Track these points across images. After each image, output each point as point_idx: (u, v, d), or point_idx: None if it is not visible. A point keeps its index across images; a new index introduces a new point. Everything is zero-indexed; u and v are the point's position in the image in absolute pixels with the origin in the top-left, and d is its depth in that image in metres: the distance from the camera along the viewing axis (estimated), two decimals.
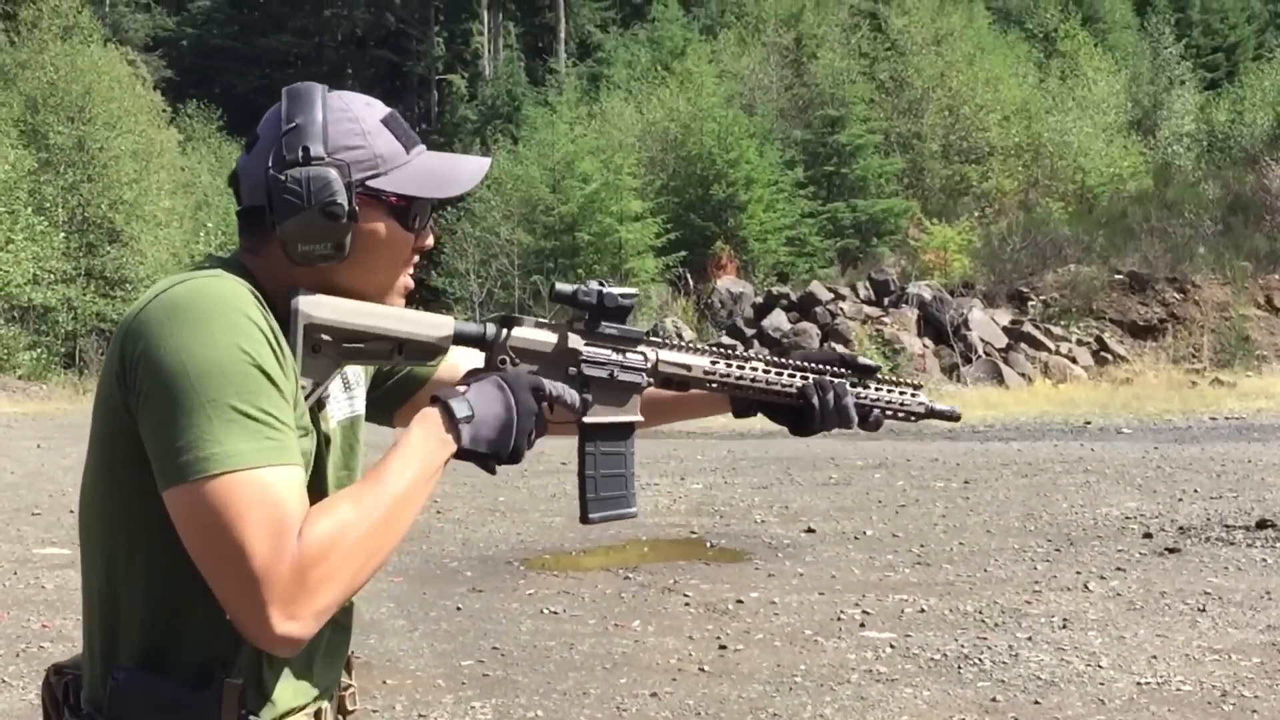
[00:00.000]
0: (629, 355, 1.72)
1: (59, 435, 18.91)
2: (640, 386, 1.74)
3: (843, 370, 1.89)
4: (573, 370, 1.68)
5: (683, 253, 33.32)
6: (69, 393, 29.24)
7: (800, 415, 1.87)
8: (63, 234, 32.60)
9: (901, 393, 1.96)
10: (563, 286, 1.70)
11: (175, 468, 1.36)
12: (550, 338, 1.67)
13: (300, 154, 1.51)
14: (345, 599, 1.42)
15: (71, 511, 10.66)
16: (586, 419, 1.71)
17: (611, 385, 1.71)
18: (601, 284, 1.72)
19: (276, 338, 1.45)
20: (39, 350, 31.61)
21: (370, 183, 1.55)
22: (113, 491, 1.49)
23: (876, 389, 1.93)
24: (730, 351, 1.82)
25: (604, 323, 1.70)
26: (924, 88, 39.94)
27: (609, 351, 1.71)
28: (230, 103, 49.15)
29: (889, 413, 1.95)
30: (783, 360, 1.86)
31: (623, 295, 1.71)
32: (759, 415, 1.91)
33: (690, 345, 1.80)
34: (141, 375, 1.40)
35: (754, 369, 1.82)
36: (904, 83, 40.27)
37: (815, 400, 1.84)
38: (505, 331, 1.65)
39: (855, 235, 36.55)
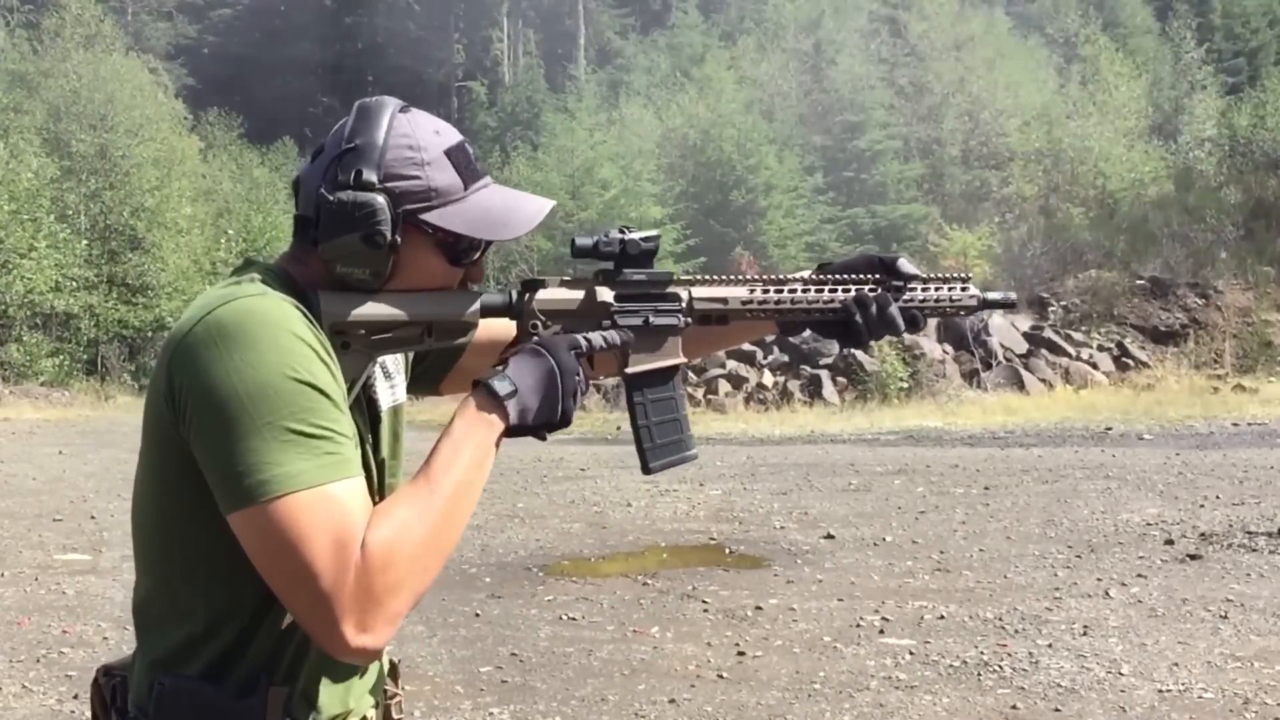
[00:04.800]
0: (661, 298, 1.70)
1: (81, 441, 19.00)
2: (677, 328, 1.71)
3: (884, 278, 1.82)
4: (606, 323, 1.66)
5: (702, 259, 33.35)
6: (91, 399, 29.41)
7: (847, 329, 1.81)
8: (85, 241, 32.79)
9: (950, 289, 1.87)
10: (583, 240, 1.67)
11: (238, 492, 1.37)
12: (577, 294, 1.66)
13: (352, 177, 1.51)
14: (417, 600, 1.42)
15: (93, 518, 10.72)
16: (629, 369, 1.69)
17: (648, 331, 1.69)
18: (623, 230, 1.69)
19: (326, 350, 1.44)
20: (61, 357, 31.79)
21: (420, 215, 1.53)
22: (166, 505, 1.50)
23: (923, 289, 1.85)
24: (769, 280, 1.78)
25: (629, 269, 1.68)
26: (944, 93, 39.91)
27: (640, 298, 1.69)
28: (251, 110, 49.43)
29: (939, 311, 1.88)
30: (823, 277, 1.81)
31: (644, 239, 1.69)
32: (807, 333, 1.88)
33: (725, 278, 1.77)
34: (192, 401, 1.40)
35: (792, 292, 1.78)
36: (923, 88, 40.25)
37: (859, 316, 1.78)
38: (530, 296, 1.64)
39: (875, 241, 36.53)
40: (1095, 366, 25.02)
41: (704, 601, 7.36)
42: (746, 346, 24.76)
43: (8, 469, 14.81)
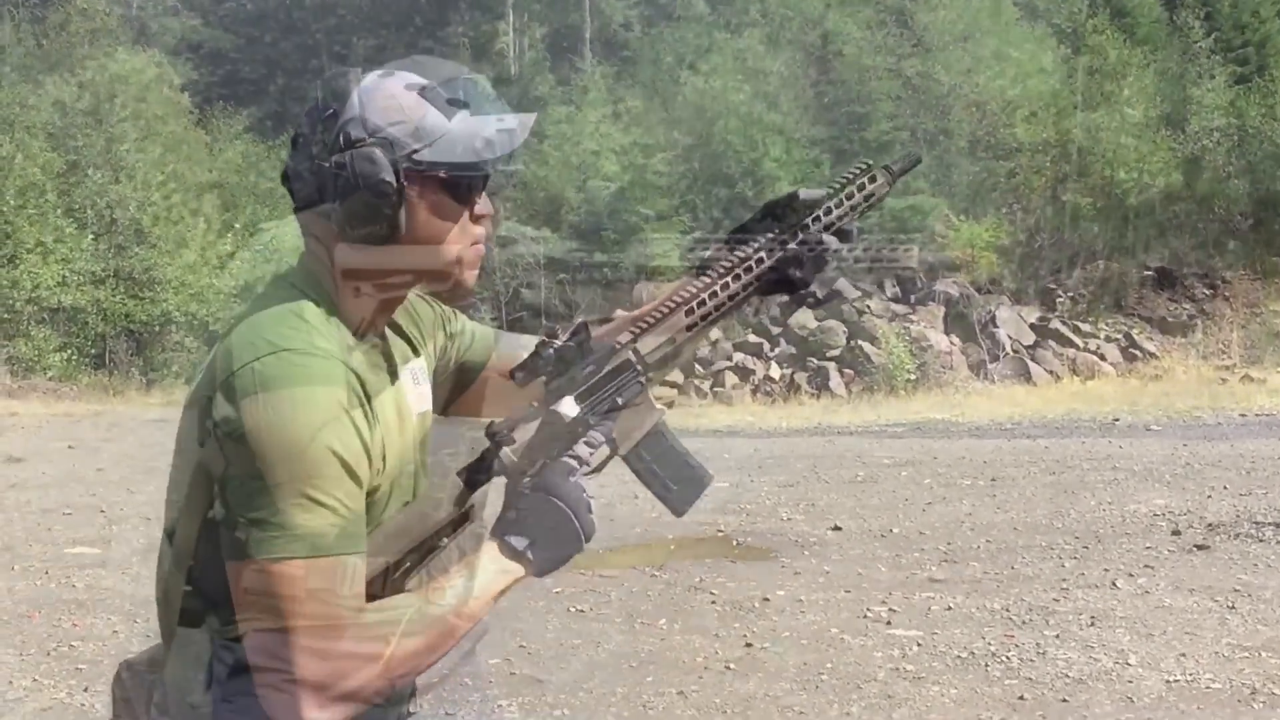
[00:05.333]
0: (616, 373, 1.67)
1: (89, 436, 19.02)
2: (642, 389, 1.70)
3: (795, 218, 1.76)
4: (580, 429, 1.64)
5: (707, 251, 33.30)
6: (99, 394, 29.42)
7: (790, 283, 1.76)
8: (91, 235, 32.79)
9: (860, 188, 1.80)
10: (518, 373, 1.65)
11: (242, 543, 1.39)
12: (536, 420, 1.63)
13: (342, 140, 1.52)
14: (378, 697, 1.45)
15: (103, 511, 10.74)
16: (621, 450, 1.69)
17: (620, 408, 1.68)
18: (546, 340, 1.66)
19: (364, 413, 1.48)
20: (69, 352, 31.81)
21: (415, 156, 1.55)
22: (192, 511, 1.51)
23: (839, 206, 1.78)
24: (697, 288, 1.74)
25: (574, 369, 1.65)
26: (950, 84, 39.79)
27: (598, 386, 1.66)
28: (257, 104, 49.40)
29: (862, 214, 1.82)
30: (749, 249, 1.76)
31: (570, 335, 1.66)
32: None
33: (660, 308, 1.73)
34: (224, 442, 1.42)
35: (724, 289, 1.75)
36: (930, 79, 40.12)
37: (794, 270, 1.75)
38: (506, 450, 1.62)
39: (881, 233, 36.37)
40: (1102, 357, 25.00)
41: (711, 593, 7.37)
42: (753, 338, 24.86)
43: (17, 463, 14.83)
